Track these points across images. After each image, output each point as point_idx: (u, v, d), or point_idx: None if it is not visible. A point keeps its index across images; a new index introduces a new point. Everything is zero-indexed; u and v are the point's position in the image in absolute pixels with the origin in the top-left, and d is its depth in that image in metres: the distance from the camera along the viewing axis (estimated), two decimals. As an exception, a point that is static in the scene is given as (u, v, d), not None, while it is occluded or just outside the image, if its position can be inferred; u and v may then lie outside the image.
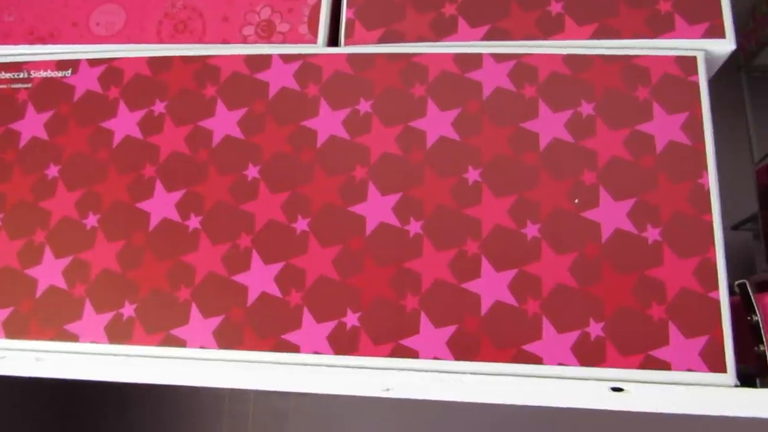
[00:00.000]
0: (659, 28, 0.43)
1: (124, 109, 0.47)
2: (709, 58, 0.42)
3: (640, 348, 0.36)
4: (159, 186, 0.44)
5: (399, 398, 0.37)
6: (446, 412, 0.75)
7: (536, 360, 0.37)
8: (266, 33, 0.47)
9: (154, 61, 0.48)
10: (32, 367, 0.42)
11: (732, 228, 0.70)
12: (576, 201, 0.39)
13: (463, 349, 0.37)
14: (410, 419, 0.75)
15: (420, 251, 0.40)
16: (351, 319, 0.39)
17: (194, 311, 0.41)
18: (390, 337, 0.38)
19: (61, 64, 0.49)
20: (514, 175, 0.41)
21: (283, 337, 0.40)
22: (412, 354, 0.38)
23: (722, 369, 0.35)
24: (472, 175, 0.41)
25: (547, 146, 0.41)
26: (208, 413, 0.80)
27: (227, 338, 0.40)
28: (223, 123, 0.45)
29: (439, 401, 0.36)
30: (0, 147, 0.48)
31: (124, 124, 0.47)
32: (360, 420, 0.76)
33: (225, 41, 0.47)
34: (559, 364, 0.36)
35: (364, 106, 0.44)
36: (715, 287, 0.37)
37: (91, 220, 0.45)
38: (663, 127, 0.40)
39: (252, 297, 0.41)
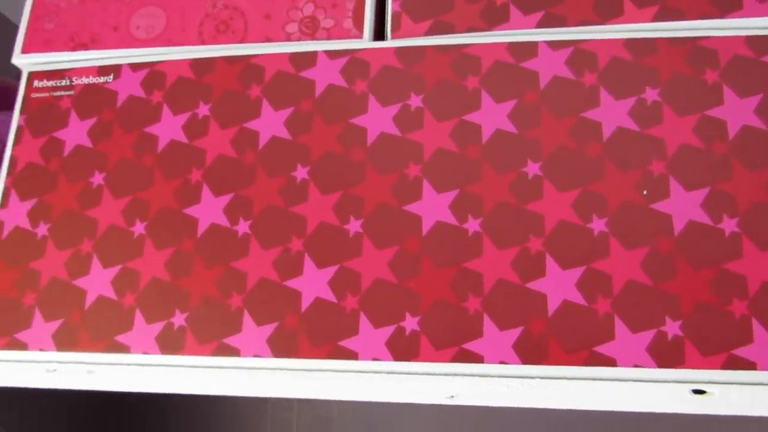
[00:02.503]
0: (726, 7, 0.41)
1: (167, 113, 0.47)
2: (783, 37, 0.40)
3: (721, 347, 0.35)
4: (206, 190, 0.44)
5: (442, 403, 0.36)
6: (490, 416, 0.74)
7: (610, 362, 0.35)
8: (310, 29, 0.46)
9: (196, 63, 0.48)
10: (84, 379, 0.43)
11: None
12: (645, 192, 0.38)
13: (531, 352, 0.36)
14: (455, 424, 0.74)
15: (480, 250, 0.39)
16: (410, 323, 0.38)
17: (247, 319, 0.41)
18: (452, 342, 0.38)
19: (102, 70, 0.50)
20: (577, 167, 0.40)
21: (339, 343, 0.39)
22: (477, 359, 0.37)
23: (814, 368, 0.34)
24: (532, 168, 0.40)
25: (610, 136, 0.40)
26: (251, 421, 0.81)
27: (282, 346, 0.40)
28: (270, 123, 0.45)
29: (485, 408, 0.36)
30: (44, 156, 0.49)
31: (169, 128, 0.47)
32: (403, 425, 0.76)
33: (268, 40, 0.47)
34: (635, 365, 0.35)
35: (415, 101, 0.43)
36: (802, 280, 0.35)
37: (139, 228, 0.45)
38: (735, 112, 0.39)
39: (306, 302, 0.40)
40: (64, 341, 0.44)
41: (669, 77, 0.40)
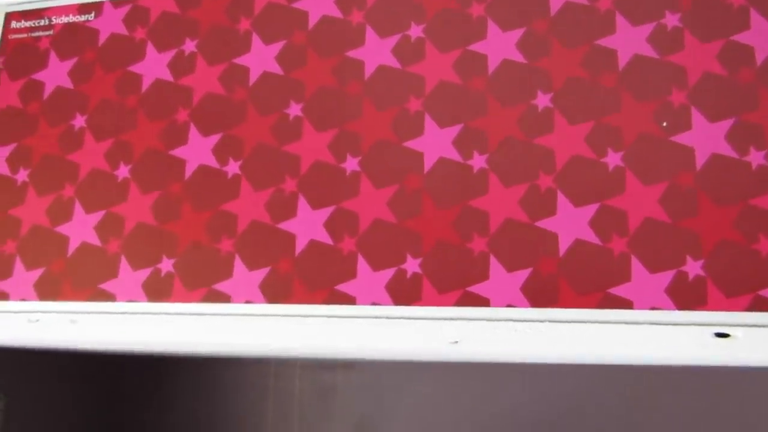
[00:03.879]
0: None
1: (152, 51, 0.44)
2: (816, -45, 0.37)
3: (747, 288, 0.32)
4: (194, 130, 0.42)
5: (450, 367, 0.34)
6: (500, 380, 0.72)
7: (626, 304, 0.33)
8: (303, -42, 0.43)
9: (181, -4, 0.45)
10: (68, 330, 0.41)
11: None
12: (664, 124, 0.35)
13: (541, 294, 0.34)
14: (461, 390, 0.73)
15: (486, 188, 0.36)
16: (411, 265, 0.36)
17: (238, 264, 0.39)
18: (456, 285, 0.35)
19: (83, 8, 0.47)
20: (591, 98, 0.37)
21: (336, 287, 0.37)
22: (482, 302, 0.35)
23: None
24: (542, 100, 0.37)
25: (627, 64, 0.37)
26: (253, 390, 0.79)
27: (275, 291, 0.38)
28: (260, 58, 0.42)
29: (493, 373, 0.33)
30: (24, 99, 0.46)
31: (153, 66, 0.44)
32: (410, 391, 0.74)
33: (258, -31, 0.44)
34: (653, 308, 0.33)
35: (416, 31, 0.40)
36: (835, 215, 0.33)
37: (123, 171, 0.42)
38: (763, 37, 0.36)
39: (300, 245, 0.38)
40: (47, 290, 0.42)
41: (691, 1, 0.37)
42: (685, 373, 0.61)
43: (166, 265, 0.40)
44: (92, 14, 0.47)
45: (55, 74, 0.46)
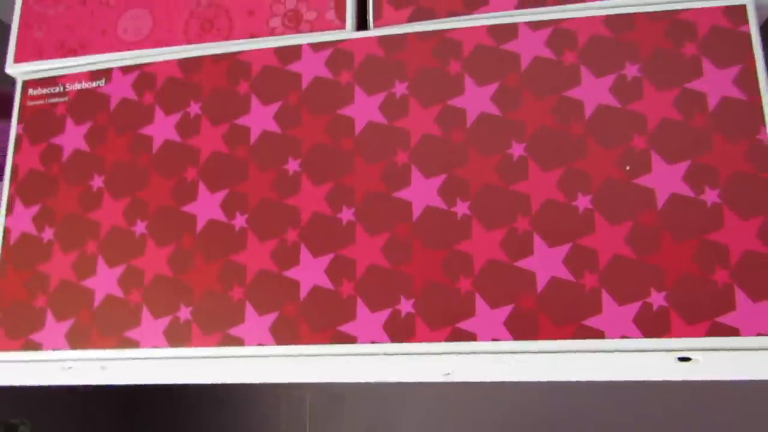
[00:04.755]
0: (703, -23, 0.42)
1: (160, 114, 0.49)
2: (760, 5, 0.41)
3: (705, 315, 0.36)
4: (202, 187, 0.46)
5: (439, 381, 0.38)
6: (501, 388, 0.76)
7: (598, 335, 0.37)
8: (293, 23, 0.48)
9: (184, 63, 0.49)
10: (98, 375, 0.45)
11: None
12: (627, 168, 0.40)
13: (522, 328, 0.38)
14: (467, 396, 0.76)
15: (469, 232, 0.41)
16: (405, 306, 0.40)
17: (249, 309, 0.43)
18: (446, 322, 0.39)
19: (94, 75, 0.51)
20: (561, 146, 0.41)
21: (338, 328, 0.41)
22: (470, 337, 0.39)
23: (794, 331, 0.35)
24: (517, 150, 0.41)
25: (592, 114, 0.41)
26: (265, 400, 0.83)
27: (283, 334, 0.42)
28: (259, 118, 0.46)
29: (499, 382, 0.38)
30: (44, 162, 0.50)
31: (162, 128, 0.48)
32: (417, 398, 0.78)
33: (253, 35, 0.48)
34: (622, 336, 0.37)
35: (400, 89, 0.44)
36: (782, 246, 0.37)
37: (140, 227, 0.47)
38: (714, 83, 0.40)
39: (304, 291, 0.42)
40: (77, 340, 0.46)
41: (649, 52, 0.41)
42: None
43: (184, 312, 0.44)
44: (103, 80, 0.51)
45: (72, 138, 0.50)
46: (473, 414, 0.76)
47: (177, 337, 0.44)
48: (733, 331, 0.36)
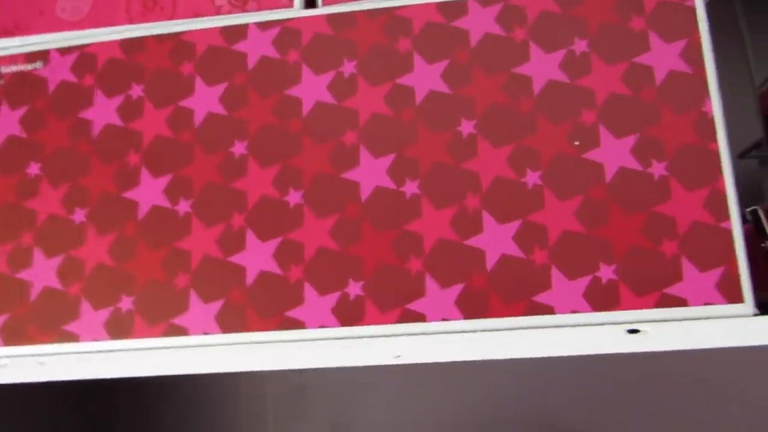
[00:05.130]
0: (650, -47, 0.43)
1: (101, 97, 0.48)
2: (705, -21, 0.42)
3: (654, 287, 0.37)
4: (145, 173, 0.45)
5: (421, 368, 0.38)
6: (466, 373, 0.76)
7: (548, 310, 0.38)
8: (240, 1, 0.47)
9: (126, 43, 0.48)
10: (36, 372, 0.44)
11: (738, 157, 0.70)
12: (576, 143, 0.40)
13: (472, 307, 0.38)
14: (431, 383, 0.76)
15: (419, 212, 0.41)
16: (354, 288, 0.40)
17: (193, 297, 0.42)
18: (396, 303, 0.39)
19: (30, 57, 0.50)
20: (510, 123, 0.41)
21: (286, 314, 0.41)
22: (420, 318, 0.39)
23: (739, 299, 0.36)
24: (467, 127, 0.42)
25: (541, 90, 0.41)
26: (225, 397, 0.82)
27: (230, 321, 0.41)
28: (204, 100, 0.46)
29: (462, 367, 0.38)
30: (-23, 150, 0.49)
31: (103, 112, 0.48)
32: (381, 387, 0.78)
33: (197, 15, 0.48)
34: (572, 311, 0.37)
35: (348, 68, 0.44)
36: (727, 217, 0.37)
37: (79, 215, 0.46)
38: (661, 57, 0.41)
39: (251, 277, 0.42)
40: (12, 336, 0.45)
41: (597, 26, 0.42)
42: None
43: (126, 303, 0.43)
44: (40, 63, 0.50)
45: (8, 123, 0.49)
46: (440, 402, 0.76)
47: (119, 328, 0.43)
48: (681, 302, 0.36)
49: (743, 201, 0.38)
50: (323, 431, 0.78)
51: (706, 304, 0.36)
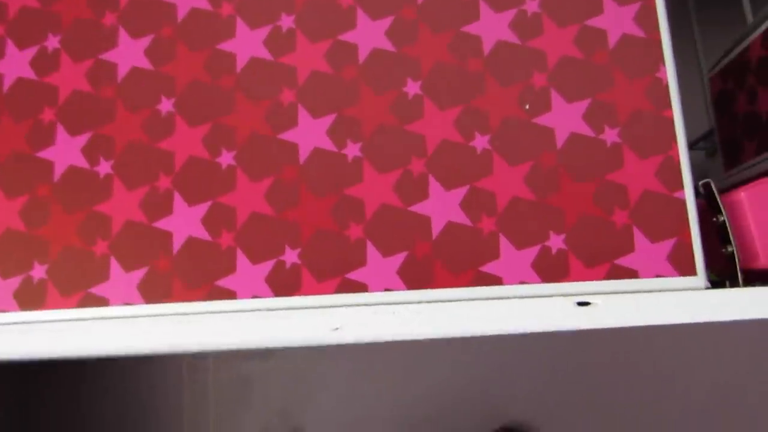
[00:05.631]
0: None
1: (12, 48, 0.42)
2: (659, -58, 0.39)
3: (604, 257, 0.34)
4: (61, 130, 0.40)
5: (368, 355, 0.34)
6: (413, 360, 0.73)
7: (496, 281, 0.34)
8: (168, -52, 0.42)
9: (41, -10, 0.42)
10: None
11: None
12: (527, 107, 0.37)
13: (416, 277, 0.35)
14: (378, 376, 0.73)
15: (361, 176, 0.36)
16: (290, 256, 0.36)
17: (114, 265, 0.37)
18: (335, 272, 0.35)
19: (-67, 3, 0.44)
20: (458, 84, 0.37)
21: (216, 283, 0.36)
22: (361, 288, 0.35)
23: (692, 272, 0.33)
24: (412, 88, 0.38)
25: (491, 50, 0.38)
26: (167, 385, 0.77)
27: (154, 291, 0.37)
28: (128, 53, 0.40)
29: (409, 353, 0.34)
30: None
31: (14, 64, 0.41)
32: (327, 379, 0.74)
33: (121, -40, 0.42)
34: (521, 282, 0.34)
35: (287, 22, 0.39)
36: (680, 187, 0.35)
37: (-14, 176, 0.40)
38: (615, 20, 0.38)
39: (178, 243, 0.37)
40: None
41: (548, -13, 0.39)
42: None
43: (39, 271, 0.38)
44: (-55, 10, 0.43)
45: None
46: (390, 388, 0.73)
47: (29, 298, 0.38)
48: (632, 273, 0.34)
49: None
50: (270, 419, 0.74)
51: (657, 276, 0.33)
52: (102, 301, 0.37)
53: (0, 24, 0.42)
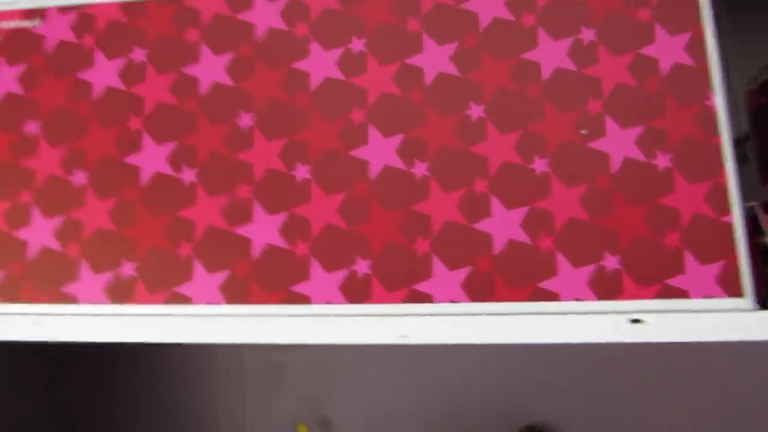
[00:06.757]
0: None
1: (101, 59, 0.41)
2: (711, -24, 0.38)
3: (656, 278, 0.33)
4: (147, 139, 0.39)
5: (397, 351, 0.34)
6: (441, 356, 0.72)
7: (552, 297, 0.34)
8: (246, -30, 0.41)
9: (127, 6, 0.41)
10: (32, 330, 0.38)
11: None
12: (583, 132, 0.36)
13: (478, 290, 0.34)
14: (406, 365, 0.73)
15: (427, 193, 0.36)
16: (362, 266, 0.35)
17: (197, 267, 0.37)
18: (403, 283, 0.35)
19: (27, 13, 0.43)
20: (518, 108, 0.37)
21: (291, 288, 0.36)
22: (427, 299, 0.35)
23: (739, 293, 0.33)
24: (475, 111, 0.37)
25: (549, 76, 0.37)
26: (203, 371, 0.77)
27: (234, 293, 0.36)
28: (210, 69, 0.40)
29: (433, 347, 0.34)
30: (-28, 106, 0.42)
31: (103, 74, 0.41)
32: (357, 367, 0.74)
33: (203, -20, 0.41)
34: (576, 299, 0.34)
35: (357, 45, 0.39)
36: (728, 211, 0.34)
37: (79, 177, 0.40)
38: (666, 50, 0.36)
39: (256, 250, 0.37)
40: (8, 293, 0.39)
41: (603, 16, 0.37)
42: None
43: (127, 268, 0.38)
44: (37, 20, 0.43)
45: (5, 80, 0.42)
46: (413, 386, 0.72)
47: (119, 293, 0.38)
48: (682, 293, 0.33)
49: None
50: (300, 407, 0.74)
51: (706, 296, 0.33)
52: (186, 300, 0.37)
53: (89, 34, 0.42)
